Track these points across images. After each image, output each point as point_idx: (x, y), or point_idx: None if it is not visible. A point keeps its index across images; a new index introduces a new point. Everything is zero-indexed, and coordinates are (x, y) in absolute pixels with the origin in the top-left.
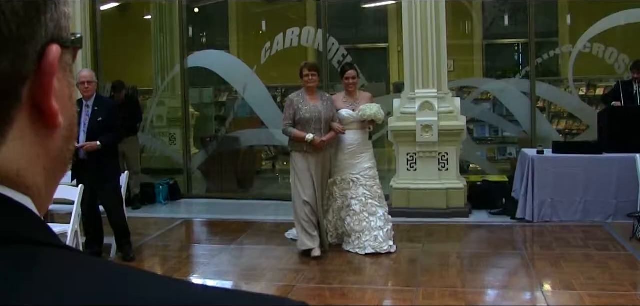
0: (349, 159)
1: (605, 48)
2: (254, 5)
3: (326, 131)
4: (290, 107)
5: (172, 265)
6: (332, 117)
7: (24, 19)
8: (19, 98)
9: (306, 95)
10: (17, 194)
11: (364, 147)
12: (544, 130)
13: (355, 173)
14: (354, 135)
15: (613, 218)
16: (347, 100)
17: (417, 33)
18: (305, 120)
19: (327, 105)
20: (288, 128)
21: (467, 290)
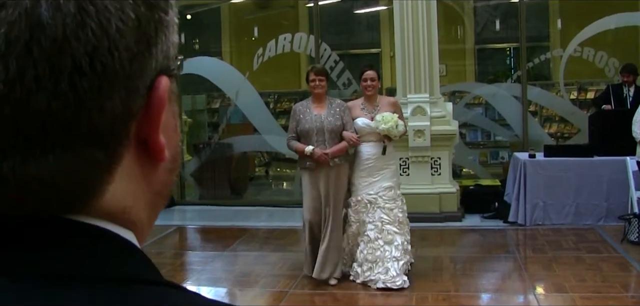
0: (366, 176)
1: (595, 52)
2: (246, 11)
3: (335, 143)
4: (293, 117)
5: (165, 272)
6: (340, 127)
7: (136, 54)
8: (128, 136)
9: (312, 103)
10: (123, 230)
11: (383, 163)
12: (536, 134)
13: (373, 194)
14: (372, 149)
15: (604, 220)
16: (365, 106)
17: (409, 38)
18: (305, 131)
19: (334, 114)
20: (290, 141)
21: (461, 294)
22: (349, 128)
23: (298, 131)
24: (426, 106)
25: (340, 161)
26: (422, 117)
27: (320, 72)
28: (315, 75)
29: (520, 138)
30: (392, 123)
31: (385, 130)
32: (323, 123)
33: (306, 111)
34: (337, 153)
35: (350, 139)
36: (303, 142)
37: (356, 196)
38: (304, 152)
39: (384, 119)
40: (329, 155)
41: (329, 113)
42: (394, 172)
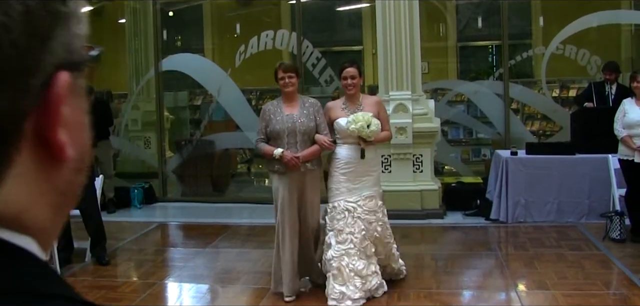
0: (345, 182)
1: (577, 49)
2: (228, 8)
3: (308, 146)
4: (262, 118)
5: (147, 269)
6: (313, 129)
7: (25, 50)
8: (20, 136)
9: (283, 102)
10: (17, 236)
11: (365, 168)
12: (518, 132)
13: (352, 201)
14: (353, 152)
15: (586, 218)
16: (346, 106)
17: (391, 35)
18: (275, 133)
19: (307, 114)
20: (259, 143)
21: (442, 291)
22: (322, 130)
23: (268, 132)
24: (408, 103)
25: (312, 166)
26: (404, 114)
27: (289, 68)
28: (284, 72)
29: (502, 136)
30: (362, 122)
31: (356, 130)
32: (295, 124)
33: (277, 111)
34: (309, 156)
35: (322, 143)
36: (273, 144)
37: (333, 201)
38: (273, 154)
39: (354, 119)
40: (300, 159)
41: (301, 113)
42: (376, 180)
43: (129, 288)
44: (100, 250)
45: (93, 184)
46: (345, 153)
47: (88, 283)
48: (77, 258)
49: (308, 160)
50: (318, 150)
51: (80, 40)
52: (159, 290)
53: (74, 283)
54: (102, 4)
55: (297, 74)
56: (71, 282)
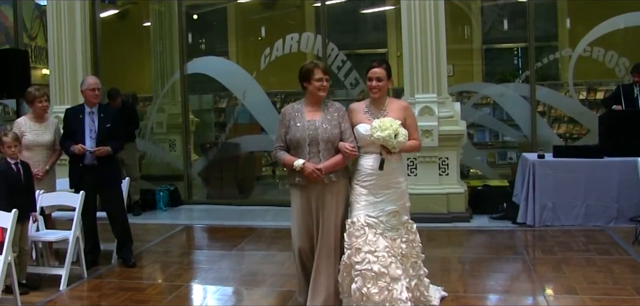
0: (367, 195)
1: (605, 52)
2: (253, 11)
3: (332, 155)
4: (281, 123)
5: (172, 271)
6: (337, 136)
7: None
8: None
9: (306, 106)
10: None
11: (389, 180)
12: (545, 135)
13: (373, 216)
14: (376, 162)
15: (615, 222)
16: (369, 110)
17: (416, 37)
18: (295, 141)
19: (331, 120)
20: (278, 152)
21: (469, 295)
22: (347, 138)
23: (287, 140)
24: (434, 106)
25: (336, 177)
26: (430, 117)
27: (326, 70)
28: (323, 74)
29: (529, 139)
30: (390, 130)
31: (381, 139)
32: (317, 132)
33: (297, 116)
34: (333, 167)
35: (344, 149)
36: (293, 153)
37: (352, 217)
38: (293, 166)
39: (381, 126)
40: (323, 171)
41: (324, 119)
42: (401, 194)
43: (155, 290)
44: (126, 252)
45: (120, 186)
46: (366, 163)
47: (114, 285)
48: (104, 260)
49: (331, 170)
50: (342, 159)
51: None
52: (185, 292)
53: (100, 285)
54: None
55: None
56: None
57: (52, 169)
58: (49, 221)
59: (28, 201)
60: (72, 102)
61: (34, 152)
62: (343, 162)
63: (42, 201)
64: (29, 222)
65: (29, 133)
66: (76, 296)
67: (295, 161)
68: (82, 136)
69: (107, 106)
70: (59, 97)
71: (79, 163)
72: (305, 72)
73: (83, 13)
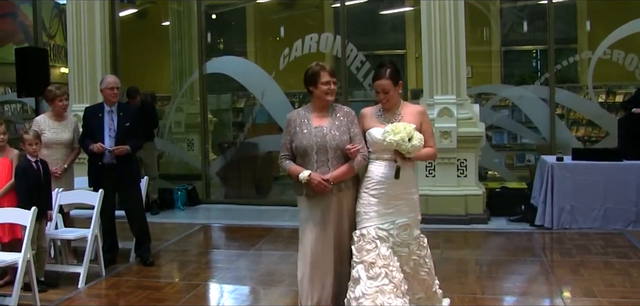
0: (377, 205)
1: (625, 54)
2: (272, 11)
3: (341, 164)
4: (286, 130)
5: (190, 270)
6: (347, 143)
7: None
8: None
9: (313, 111)
10: None
11: (401, 190)
12: (563, 137)
13: (384, 227)
14: (387, 169)
15: (633, 225)
16: (383, 114)
17: (435, 39)
18: (302, 149)
19: (339, 125)
20: (283, 161)
21: (487, 297)
22: (356, 143)
23: (293, 148)
24: (453, 107)
25: (347, 186)
26: (449, 118)
27: (334, 73)
28: (330, 76)
29: (547, 141)
30: (403, 134)
31: (393, 143)
32: (325, 138)
33: (303, 122)
34: (341, 177)
35: (347, 150)
36: (299, 162)
37: (361, 228)
38: (298, 178)
39: (393, 129)
40: (331, 181)
41: (332, 124)
42: (413, 206)
43: (173, 289)
44: (144, 250)
45: (138, 185)
46: (378, 171)
47: (132, 284)
48: (122, 258)
49: (340, 180)
50: (351, 168)
51: None
52: (203, 291)
53: (118, 283)
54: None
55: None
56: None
57: (70, 168)
58: (67, 219)
59: (46, 199)
60: (91, 100)
61: (52, 150)
62: (353, 170)
63: (61, 199)
64: (46, 220)
65: (48, 131)
66: (94, 294)
67: (301, 173)
68: (102, 135)
69: (127, 105)
70: (77, 95)
71: (98, 161)
72: (311, 76)
73: (102, 12)
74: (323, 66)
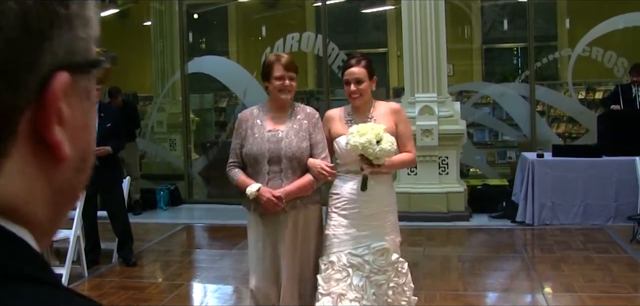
0: (347, 227)
1: (604, 52)
2: (254, 10)
3: (299, 176)
4: (236, 133)
5: (173, 270)
6: (306, 151)
7: (20, 49)
8: (13, 131)
9: (268, 112)
10: (13, 226)
11: (377, 207)
12: (544, 134)
13: (357, 253)
14: (358, 184)
15: (613, 221)
16: (352, 117)
17: (416, 37)
18: (252, 157)
19: (299, 129)
20: (231, 170)
21: (469, 293)
22: (319, 152)
23: (243, 154)
24: (434, 105)
25: (303, 203)
26: (430, 116)
27: (291, 66)
28: (285, 70)
29: (528, 138)
30: (370, 135)
31: (358, 146)
32: (280, 145)
33: (256, 124)
34: (296, 193)
35: (317, 170)
36: (249, 173)
37: (330, 254)
38: (247, 192)
39: (359, 131)
40: (284, 198)
41: (290, 128)
42: (391, 226)
43: (156, 289)
44: (127, 251)
45: (120, 186)
46: (348, 187)
47: (115, 284)
48: (105, 259)
49: (295, 197)
50: (309, 182)
51: (85, 42)
52: (186, 291)
53: (102, 284)
54: (127, 6)
55: (297, 74)
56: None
57: None
58: None
59: None
60: None
61: None
62: (311, 185)
63: None
64: None
65: None
66: None
67: (249, 187)
68: None
69: (109, 105)
70: None
71: None
72: (265, 68)
73: None
74: (279, 57)
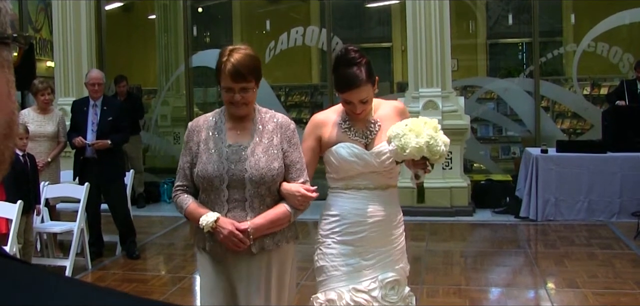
0: (349, 255)
1: (609, 47)
2: (258, 4)
3: (266, 206)
4: (186, 147)
5: (176, 263)
6: (278, 172)
7: None
8: None
9: (229, 120)
10: None
11: (387, 226)
12: (548, 129)
13: (362, 288)
14: (363, 203)
15: (617, 217)
16: (349, 124)
17: (421, 32)
18: (207, 179)
19: (268, 146)
20: (178, 196)
21: (471, 288)
22: (296, 175)
23: (194, 177)
24: (438, 100)
25: (275, 242)
26: (434, 111)
27: (240, 74)
28: (233, 81)
29: (532, 134)
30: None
31: (423, 148)
32: (244, 166)
33: (212, 136)
34: (268, 228)
35: (296, 198)
36: (203, 199)
37: (327, 291)
38: (199, 224)
39: (412, 129)
40: (251, 235)
41: (258, 143)
42: (400, 252)
43: (159, 282)
44: (130, 244)
45: (122, 180)
46: (351, 206)
47: (118, 277)
48: (108, 252)
49: (265, 234)
50: (285, 214)
51: (8, 16)
52: (189, 284)
53: (104, 277)
54: (131, 1)
55: (258, 76)
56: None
57: (55, 161)
58: (53, 213)
59: (33, 193)
60: (77, 94)
61: (36, 143)
62: (288, 218)
63: (47, 193)
64: (33, 214)
65: (32, 124)
66: None
67: (202, 217)
68: (85, 129)
69: (112, 99)
70: (63, 89)
71: (80, 155)
72: (217, 68)
73: (88, 6)
74: (228, 60)
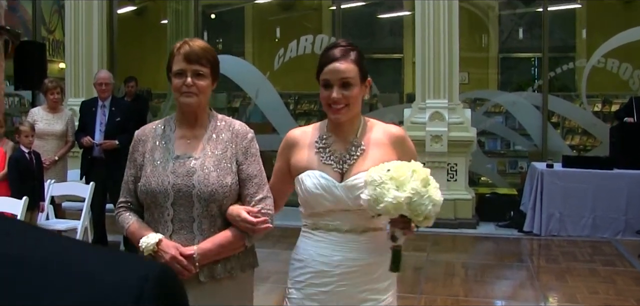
0: None
1: (619, 63)
2: (270, 12)
3: (219, 227)
4: (131, 159)
5: None
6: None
7: None
8: None
9: (179, 127)
10: None
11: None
12: (556, 145)
13: None
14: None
15: (622, 234)
16: (328, 140)
17: (429, 43)
18: (149, 195)
19: (221, 157)
20: (121, 213)
21: (470, 300)
22: (252, 191)
23: (138, 191)
24: (444, 112)
25: (227, 270)
26: (440, 122)
27: (195, 55)
28: (187, 63)
29: (539, 149)
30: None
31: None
32: (191, 180)
33: (158, 146)
34: (218, 254)
35: (242, 222)
36: (147, 218)
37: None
38: (139, 247)
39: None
40: (197, 261)
41: (208, 155)
42: (388, 288)
43: None
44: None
45: None
46: (312, 251)
47: None
48: None
49: (214, 261)
50: (237, 238)
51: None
52: None
53: None
54: (144, 5)
55: (215, 71)
56: None
57: (63, 160)
58: (59, 211)
59: (38, 190)
60: (87, 96)
61: (44, 141)
62: (241, 242)
63: (53, 190)
64: (38, 211)
65: (41, 122)
66: None
67: (143, 239)
68: (93, 129)
69: (121, 100)
70: (74, 90)
71: (88, 155)
72: (169, 58)
73: (100, 9)
74: (183, 44)
